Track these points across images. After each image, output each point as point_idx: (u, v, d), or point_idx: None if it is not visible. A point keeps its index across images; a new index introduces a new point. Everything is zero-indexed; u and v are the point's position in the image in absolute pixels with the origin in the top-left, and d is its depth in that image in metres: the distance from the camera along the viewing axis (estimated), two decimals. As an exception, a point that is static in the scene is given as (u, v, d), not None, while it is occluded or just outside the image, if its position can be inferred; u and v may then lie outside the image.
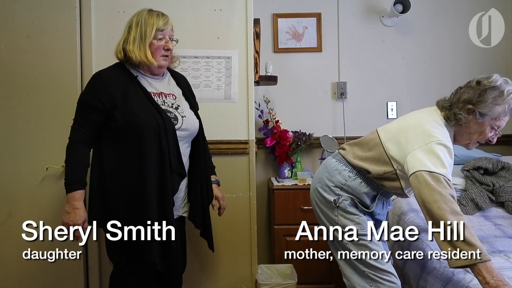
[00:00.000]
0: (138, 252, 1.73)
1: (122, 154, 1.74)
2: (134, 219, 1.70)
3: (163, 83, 1.89)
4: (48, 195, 2.29)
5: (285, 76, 3.17)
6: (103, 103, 1.73)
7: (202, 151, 1.94)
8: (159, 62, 1.82)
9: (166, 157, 1.75)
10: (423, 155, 1.59)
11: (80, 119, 1.76)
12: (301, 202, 2.84)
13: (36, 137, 2.29)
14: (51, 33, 2.29)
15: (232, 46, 2.40)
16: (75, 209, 1.70)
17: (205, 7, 2.39)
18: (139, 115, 1.73)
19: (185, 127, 1.85)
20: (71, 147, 1.75)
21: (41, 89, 2.29)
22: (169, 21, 1.84)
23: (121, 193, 1.73)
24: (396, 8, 3.06)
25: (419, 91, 3.26)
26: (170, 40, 1.85)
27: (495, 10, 2.89)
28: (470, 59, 3.25)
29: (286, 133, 3.05)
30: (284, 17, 3.21)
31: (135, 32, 1.79)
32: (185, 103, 1.92)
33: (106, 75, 1.79)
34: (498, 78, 1.67)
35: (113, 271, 1.87)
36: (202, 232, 1.98)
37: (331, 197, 1.81)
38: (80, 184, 1.72)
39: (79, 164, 1.73)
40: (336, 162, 1.85)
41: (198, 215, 1.91)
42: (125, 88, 1.76)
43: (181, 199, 1.89)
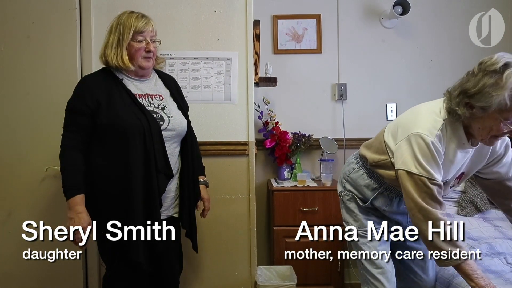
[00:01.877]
0: (126, 253, 1.73)
1: (108, 155, 1.74)
2: (120, 220, 1.69)
3: (149, 84, 1.89)
4: (47, 196, 2.29)
5: (285, 78, 3.17)
6: (89, 106, 1.74)
7: (190, 151, 1.93)
8: (140, 63, 1.82)
9: (151, 158, 1.74)
10: (405, 149, 1.53)
11: (70, 125, 1.77)
12: (300, 204, 2.84)
13: (36, 137, 2.29)
14: (51, 34, 2.29)
15: (232, 48, 2.40)
16: (78, 214, 1.70)
17: (205, 9, 2.39)
18: (123, 117, 1.73)
19: (172, 127, 1.84)
20: (64, 154, 1.75)
21: (41, 89, 2.29)
22: (149, 22, 1.83)
23: (108, 194, 1.73)
24: (396, 10, 3.07)
25: (418, 93, 3.26)
26: (151, 41, 1.83)
27: (495, 10, 2.90)
28: (469, 60, 3.24)
29: (285, 135, 3.05)
30: (284, 18, 3.22)
31: (113, 36, 1.79)
32: (173, 104, 1.91)
33: (90, 79, 1.81)
34: (500, 57, 1.45)
35: (106, 273, 1.87)
36: (187, 232, 1.97)
37: (339, 189, 1.85)
38: (79, 188, 1.72)
39: (75, 169, 1.73)
40: (352, 155, 1.88)
41: (186, 215, 1.90)
42: (109, 91, 1.77)
43: (171, 200, 1.88)
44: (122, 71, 1.83)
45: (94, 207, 1.73)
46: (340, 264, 2.85)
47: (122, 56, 1.77)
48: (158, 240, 1.75)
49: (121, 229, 1.69)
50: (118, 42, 1.78)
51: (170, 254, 1.89)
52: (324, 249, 2.81)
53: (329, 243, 2.81)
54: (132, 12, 1.83)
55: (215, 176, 2.20)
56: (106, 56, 1.79)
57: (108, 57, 1.78)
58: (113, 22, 1.83)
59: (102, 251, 1.83)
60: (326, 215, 2.84)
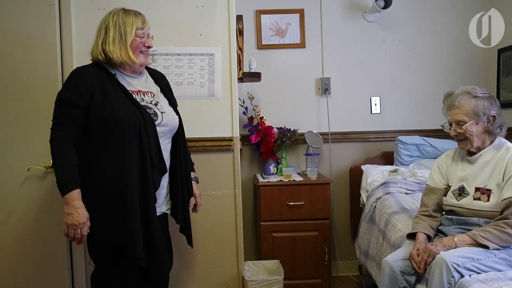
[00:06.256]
0: (122, 249, 1.72)
1: (102, 150, 1.72)
2: (117, 215, 1.70)
3: (140, 81, 1.89)
4: (29, 196, 2.26)
5: (269, 73, 3.17)
6: (83, 98, 1.70)
7: (182, 147, 1.94)
8: (140, 59, 1.82)
9: (147, 153, 1.74)
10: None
11: (61, 118, 1.71)
12: (287, 198, 2.85)
13: (18, 137, 2.25)
14: (29, 31, 2.24)
15: (215, 43, 2.39)
16: (76, 209, 1.66)
17: (187, 4, 2.38)
18: (119, 112, 1.71)
19: (165, 123, 1.84)
20: (56, 148, 1.70)
21: (21, 89, 2.25)
22: (145, 18, 1.85)
23: (103, 190, 1.72)
24: (378, 4, 3.08)
25: (402, 86, 3.30)
26: (148, 37, 1.85)
27: (495, 10, 2.93)
28: (451, 53, 3.30)
29: (271, 130, 3.05)
30: (267, 13, 3.21)
31: (113, 32, 1.77)
32: (164, 100, 1.92)
33: (84, 71, 1.78)
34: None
35: (95, 270, 1.85)
36: (182, 228, 1.99)
37: None
38: (75, 183, 1.68)
39: (69, 164, 1.68)
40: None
41: (179, 211, 1.91)
42: (103, 84, 1.75)
43: (164, 196, 1.89)
44: (117, 67, 1.82)
45: (89, 203, 1.71)
46: (327, 258, 2.87)
47: (128, 51, 1.77)
48: (153, 235, 1.76)
49: (118, 225, 1.70)
50: (121, 38, 1.77)
51: (162, 250, 1.90)
52: (311, 243, 2.86)
53: (316, 237, 2.86)
54: (125, 9, 1.82)
55: (201, 172, 2.19)
56: (109, 52, 1.76)
57: (112, 53, 1.76)
58: (106, 20, 1.80)
59: (94, 248, 1.80)
60: (312, 209, 2.86)
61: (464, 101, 1.87)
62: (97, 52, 1.78)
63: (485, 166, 1.88)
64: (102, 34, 1.79)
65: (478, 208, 1.83)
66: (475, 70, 3.30)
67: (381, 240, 2.34)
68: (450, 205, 1.93)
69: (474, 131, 1.86)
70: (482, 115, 1.85)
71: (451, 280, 1.57)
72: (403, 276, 1.78)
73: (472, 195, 1.86)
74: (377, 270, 2.32)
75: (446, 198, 1.96)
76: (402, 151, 3.06)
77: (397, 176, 2.77)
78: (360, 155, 3.29)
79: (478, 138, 1.88)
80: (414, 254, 1.77)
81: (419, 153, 3.06)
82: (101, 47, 1.78)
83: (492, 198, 1.81)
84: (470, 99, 1.86)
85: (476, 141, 1.88)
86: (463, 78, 3.24)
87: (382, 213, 2.44)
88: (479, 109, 1.85)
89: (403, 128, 3.27)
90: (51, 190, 2.21)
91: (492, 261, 1.65)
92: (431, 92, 3.26)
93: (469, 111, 1.85)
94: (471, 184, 1.88)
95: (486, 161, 1.88)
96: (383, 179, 2.79)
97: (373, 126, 3.28)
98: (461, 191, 1.90)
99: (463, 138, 1.89)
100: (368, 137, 3.28)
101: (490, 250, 1.67)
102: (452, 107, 1.90)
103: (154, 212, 1.79)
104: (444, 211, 1.97)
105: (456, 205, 1.90)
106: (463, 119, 1.86)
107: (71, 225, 1.66)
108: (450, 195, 1.94)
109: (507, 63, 3.06)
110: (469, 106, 1.86)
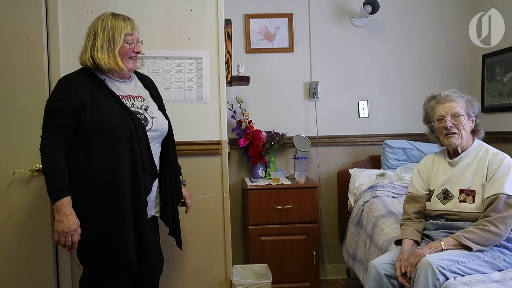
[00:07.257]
0: (113, 253, 1.71)
1: (93, 156, 1.71)
2: (109, 220, 1.70)
3: (130, 85, 1.89)
4: (14, 200, 2.22)
5: (257, 77, 3.18)
6: (73, 106, 1.70)
7: (172, 151, 1.95)
8: (129, 65, 1.82)
9: (138, 159, 1.75)
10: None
11: (50, 126, 1.71)
12: (275, 202, 2.85)
13: (2, 141, 2.22)
14: (16, 33, 2.21)
15: (204, 47, 2.39)
16: (67, 216, 1.66)
17: (175, 7, 2.37)
18: (110, 118, 1.71)
19: (156, 128, 1.85)
20: (46, 156, 1.70)
21: (6, 91, 2.22)
22: (134, 24, 1.84)
23: (95, 195, 1.71)
24: (366, 9, 3.11)
25: (389, 90, 3.33)
26: (137, 42, 1.84)
27: (495, 10, 2.97)
28: (438, 57, 3.34)
29: (259, 133, 3.05)
30: (256, 17, 3.22)
31: (102, 38, 1.76)
32: (153, 104, 1.92)
33: (72, 78, 1.77)
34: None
35: (84, 274, 1.84)
36: (171, 230, 1.99)
37: None
38: (65, 190, 1.68)
39: (59, 171, 1.69)
40: None
41: (169, 214, 1.92)
42: (92, 91, 1.74)
43: (153, 199, 1.89)
44: (106, 73, 1.81)
45: (80, 208, 1.70)
46: (315, 261, 2.87)
47: (116, 59, 1.76)
48: (144, 240, 1.76)
49: (110, 229, 1.69)
50: (109, 45, 1.76)
51: (153, 254, 1.90)
52: (299, 246, 2.86)
53: (304, 240, 2.87)
54: (114, 14, 1.81)
55: (189, 176, 2.19)
56: (97, 59, 1.75)
57: (100, 60, 1.75)
58: (95, 25, 1.79)
59: (84, 253, 1.79)
60: (300, 213, 2.86)
61: (457, 97, 1.97)
62: (86, 58, 1.77)
63: (467, 168, 1.91)
64: (90, 39, 1.78)
65: (465, 211, 1.85)
66: (460, 75, 3.34)
67: (368, 244, 2.35)
68: (437, 210, 1.94)
69: (466, 126, 1.93)
70: (471, 113, 1.95)
71: (436, 282, 1.59)
72: (389, 279, 1.79)
73: (457, 197, 1.88)
74: (364, 273, 2.33)
75: (431, 203, 1.97)
76: (389, 154, 3.09)
77: (384, 180, 2.79)
78: (348, 159, 3.30)
79: (467, 135, 1.94)
80: (397, 266, 1.77)
81: (406, 157, 3.09)
82: (89, 53, 1.77)
83: (477, 198, 1.84)
84: (460, 98, 1.97)
85: (465, 137, 1.93)
86: (449, 82, 3.28)
87: (370, 217, 2.46)
88: (468, 108, 1.95)
89: (390, 132, 3.30)
90: (37, 194, 2.19)
91: (476, 264, 1.67)
92: (418, 96, 3.27)
93: (463, 106, 1.95)
94: (454, 186, 1.91)
95: (467, 163, 1.92)
96: (371, 183, 2.81)
97: (361, 130, 3.31)
98: (445, 194, 1.92)
99: (455, 132, 1.92)
100: (356, 141, 3.31)
101: (474, 253, 1.69)
102: (446, 101, 1.96)
103: (146, 217, 1.79)
104: (431, 216, 1.99)
105: (442, 210, 1.91)
106: (459, 111, 1.93)
107: (62, 232, 1.66)
108: (435, 200, 1.95)
109: (491, 69, 3.11)
110: (462, 102, 1.96)
